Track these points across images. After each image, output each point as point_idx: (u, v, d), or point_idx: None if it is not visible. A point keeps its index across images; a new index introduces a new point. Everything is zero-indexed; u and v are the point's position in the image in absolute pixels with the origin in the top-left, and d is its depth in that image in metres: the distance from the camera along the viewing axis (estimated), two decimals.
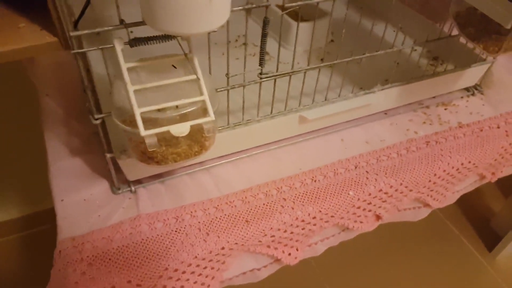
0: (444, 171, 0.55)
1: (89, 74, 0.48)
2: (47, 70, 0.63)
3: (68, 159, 0.52)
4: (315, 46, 0.69)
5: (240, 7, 0.39)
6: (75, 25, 0.35)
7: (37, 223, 1.17)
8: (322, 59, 0.67)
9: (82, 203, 0.48)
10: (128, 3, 0.41)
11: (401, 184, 0.52)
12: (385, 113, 0.62)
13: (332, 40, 0.73)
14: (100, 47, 0.36)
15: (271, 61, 0.65)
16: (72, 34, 0.34)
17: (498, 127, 0.60)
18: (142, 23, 0.35)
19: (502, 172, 0.62)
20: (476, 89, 0.67)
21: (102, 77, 0.49)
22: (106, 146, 0.44)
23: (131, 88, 0.36)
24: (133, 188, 0.49)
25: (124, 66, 0.36)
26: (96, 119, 0.41)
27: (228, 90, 0.47)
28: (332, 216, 0.49)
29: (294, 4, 0.43)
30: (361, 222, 0.52)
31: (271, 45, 0.57)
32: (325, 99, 0.55)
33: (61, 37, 0.36)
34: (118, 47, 0.36)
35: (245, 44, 0.48)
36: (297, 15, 0.48)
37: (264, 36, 0.43)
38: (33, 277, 1.08)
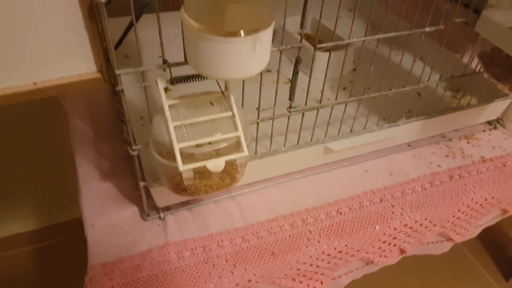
0: (468, 206, 0.55)
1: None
2: (78, 94, 0.65)
3: (98, 182, 0.53)
4: (337, 75, 0.70)
5: (275, 49, 0.40)
6: (115, 49, 0.36)
7: (52, 236, 1.19)
8: (344, 88, 0.69)
9: (111, 228, 0.49)
10: (151, 26, 0.41)
11: (425, 219, 0.52)
12: (408, 145, 0.62)
13: (354, 69, 0.74)
14: (144, 84, 0.38)
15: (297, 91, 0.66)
16: (119, 72, 0.35)
17: None
18: (184, 63, 0.37)
19: None
20: (498, 122, 0.67)
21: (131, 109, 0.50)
22: (139, 174, 0.46)
23: (171, 124, 0.37)
24: (162, 215, 0.50)
25: (166, 103, 0.37)
26: (134, 150, 0.42)
27: (258, 123, 0.48)
28: (357, 251, 0.49)
29: (325, 45, 0.44)
30: (385, 256, 0.52)
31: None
32: (351, 131, 0.55)
33: (105, 73, 0.38)
34: (161, 85, 0.37)
35: (277, 79, 0.49)
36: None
37: (295, 73, 0.45)
38: None
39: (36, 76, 0.36)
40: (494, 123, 0.67)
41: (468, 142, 0.63)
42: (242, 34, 0.30)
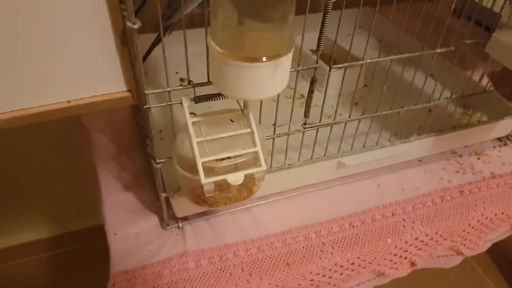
0: (478, 221, 0.56)
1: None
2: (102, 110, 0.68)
3: (120, 194, 0.56)
4: (349, 91, 0.72)
5: (292, 69, 0.43)
6: (143, 61, 0.39)
7: (66, 243, 1.22)
8: (356, 103, 0.71)
9: (133, 237, 0.51)
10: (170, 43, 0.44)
11: (436, 233, 0.54)
12: (419, 160, 0.64)
13: (365, 85, 0.76)
14: (169, 103, 0.40)
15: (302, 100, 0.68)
16: (147, 92, 0.38)
17: None
18: (208, 83, 0.39)
19: None
20: (508, 139, 0.68)
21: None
22: (161, 186, 0.48)
23: (195, 140, 0.39)
24: (180, 225, 0.52)
25: (189, 120, 0.40)
26: (158, 163, 0.45)
27: (273, 138, 0.51)
28: (369, 263, 0.50)
29: (340, 65, 0.46)
30: (396, 268, 0.53)
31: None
32: (363, 147, 0.57)
33: (134, 92, 0.40)
34: (185, 103, 0.39)
35: (293, 96, 0.52)
36: (333, 61, 0.51)
37: (311, 92, 0.47)
38: None
39: (70, 94, 0.39)
40: (504, 140, 0.68)
41: (478, 158, 0.65)
42: (264, 59, 0.33)
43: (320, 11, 0.40)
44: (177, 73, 0.75)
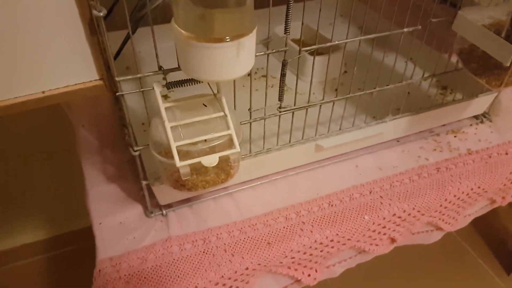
0: (454, 196, 0.57)
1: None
2: (82, 103, 0.69)
3: (104, 185, 0.57)
4: (330, 78, 0.74)
5: (262, 52, 0.44)
6: (115, 59, 0.40)
7: (63, 245, 1.23)
8: (336, 89, 0.72)
9: (118, 225, 0.52)
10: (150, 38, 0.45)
11: (413, 208, 0.55)
12: (397, 141, 0.65)
13: (345, 72, 0.78)
14: (141, 89, 0.41)
15: (288, 92, 0.69)
16: (118, 79, 0.39)
17: (507, 154, 0.63)
18: (177, 69, 0.40)
19: None
20: (485, 116, 0.70)
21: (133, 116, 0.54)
22: (142, 174, 0.49)
23: (168, 125, 0.41)
24: (164, 212, 0.54)
25: (162, 106, 0.41)
26: (135, 151, 0.46)
27: (250, 123, 0.52)
28: (348, 239, 0.52)
29: (309, 48, 0.48)
30: (376, 245, 0.55)
31: (289, 77, 0.62)
32: (340, 129, 0.59)
33: (106, 80, 0.42)
34: (157, 89, 0.41)
35: (265, 78, 0.53)
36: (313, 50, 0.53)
37: (283, 75, 0.48)
38: None
39: (44, 85, 0.40)
40: (481, 118, 0.70)
41: (455, 136, 0.66)
42: (228, 39, 0.34)
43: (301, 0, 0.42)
44: (161, 67, 0.77)
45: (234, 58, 0.35)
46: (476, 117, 0.70)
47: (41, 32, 0.37)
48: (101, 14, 0.34)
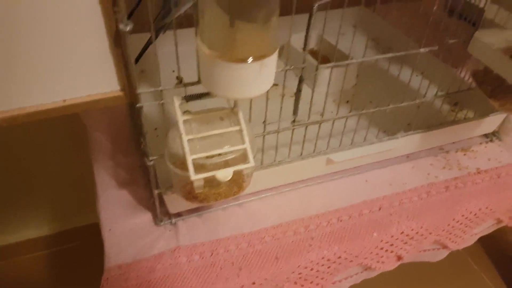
0: (463, 215, 0.58)
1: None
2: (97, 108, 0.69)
3: (115, 190, 0.57)
4: (342, 89, 0.74)
5: (280, 69, 0.44)
6: (136, 62, 0.40)
7: (66, 241, 1.23)
8: (347, 101, 0.72)
9: (127, 232, 0.52)
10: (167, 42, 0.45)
11: (421, 227, 0.55)
12: (407, 156, 0.65)
13: (356, 84, 0.78)
14: (161, 101, 0.42)
15: (301, 102, 0.70)
16: (139, 91, 0.39)
17: None
18: (197, 82, 0.41)
19: None
20: (495, 135, 0.70)
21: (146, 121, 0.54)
22: (154, 182, 0.49)
23: (185, 138, 0.41)
24: (173, 221, 0.54)
25: (180, 118, 0.41)
26: (150, 160, 0.46)
27: (264, 136, 0.52)
28: (356, 256, 0.52)
29: (328, 65, 0.48)
30: (383, 262, 0.55)
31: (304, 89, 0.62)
32: (351, 143, 0.59)
33: (127, 91, 0.42)
34: (176, 102, 0.41)
35: (282, 94, 0.53)
36: (327, 60, 0.53)
37: (298, 91, 0.48)
38: None
39: (66, 94, 0.40)
40: (490, 136, 0.70)
41: (464, 155, 0.66)
42: (250, 60, 0.34)
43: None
44: (173, 71, 0.76)
45: (256, 78, 0.35)
46: (486, 135, 0.70)
47: (66, 41, 0.37)
48: (127, 29, 0.34)
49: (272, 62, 0.36)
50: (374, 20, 0.82)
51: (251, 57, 0.34)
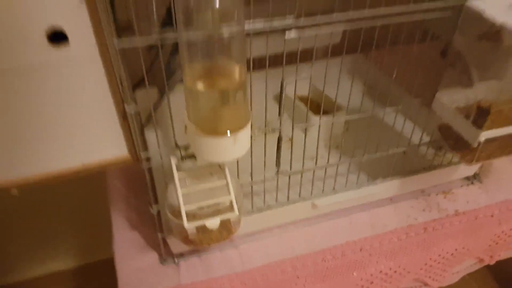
0: (439, 255, 0.63)
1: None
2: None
3: (128, 231, 0.66)
4: (333, 134, 0.81)
5: (258, 135, 0.53)
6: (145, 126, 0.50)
7: (91, 274, 1.33)
8: (337, 146, 0.79)
9: (137, 271, 0.60)
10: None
11: (399, 266, 0.61)
12: (391, 199, 0.71)
13: (347, 129, 0.85)
14: (162, 164, 0.51)
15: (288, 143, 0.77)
16: (144, 155, 0.49)
17: (492, 216, 0.67)
18: (189, 147, 0.50)
19: (500, 256, 0.69)
20: (475, 178, 0.75)
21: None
22: (158, 227, 0.58)
23: (180, 192, 0.49)
24: (176, 260, 0.62)
25: (176, 175, 0.50)
26: (153, 209, 0.55)
27: (251, 185, 0.60)
28: None
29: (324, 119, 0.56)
30: None
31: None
32: (333, 189, 0.66)
33: (134, 154, 0.51)
34: (173, 162, 0.50)
35: (267, 130, 0.59)
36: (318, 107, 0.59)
37: (278, 148, 0.56)
38: None
39: (84, 158, 0.50)
40: (471, 179, 0.75)
41: (445, 197, 0.72)
42: (228, 134, 0.43)
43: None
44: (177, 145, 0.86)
45: (232, 145, 0.44)
46: (467, 177, 0.76)
47: (84, 114, 0.47)
48: (133, 112, 0.44)
49: (245, 132, 0.44)
50: (366, 68, 0.90)
51: (228, 130, 0.43)
